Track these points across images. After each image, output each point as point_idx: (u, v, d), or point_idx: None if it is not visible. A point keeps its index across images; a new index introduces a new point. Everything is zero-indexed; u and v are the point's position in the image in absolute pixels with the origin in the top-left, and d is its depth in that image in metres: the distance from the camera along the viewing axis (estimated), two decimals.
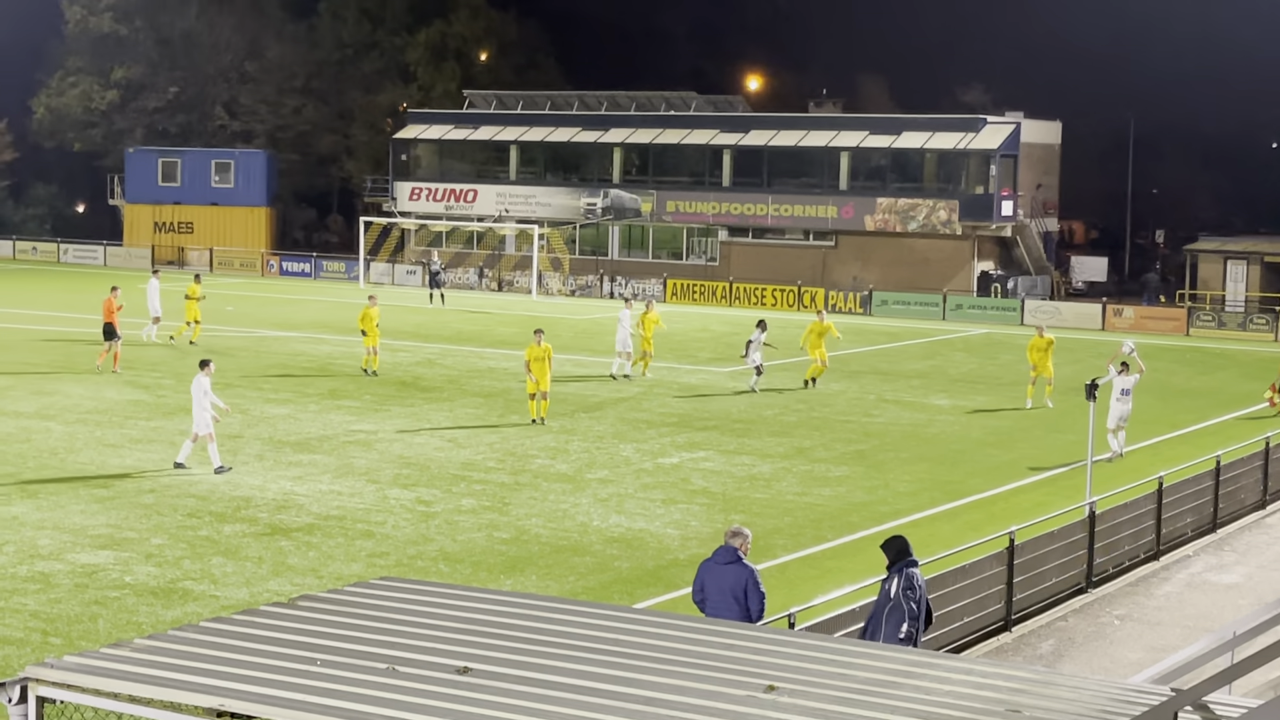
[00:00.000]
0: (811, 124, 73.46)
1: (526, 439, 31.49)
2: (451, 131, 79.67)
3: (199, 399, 27.52)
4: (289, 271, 77.88)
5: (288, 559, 21.67)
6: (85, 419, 32.48)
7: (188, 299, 46.41)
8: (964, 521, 25.01)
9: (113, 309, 40.32)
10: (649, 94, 78.31)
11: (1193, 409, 38.59)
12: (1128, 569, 22.43)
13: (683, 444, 31.53)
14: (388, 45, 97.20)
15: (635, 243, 75.53)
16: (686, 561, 21.98)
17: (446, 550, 22.42)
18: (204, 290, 47.22)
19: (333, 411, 34.37)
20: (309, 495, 25.62)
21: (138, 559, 21.42)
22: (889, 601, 14.80)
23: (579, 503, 25.72)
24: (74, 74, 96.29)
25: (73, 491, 25.45)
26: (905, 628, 14.62)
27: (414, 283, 73.75)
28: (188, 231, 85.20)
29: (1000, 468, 30.08)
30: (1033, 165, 71.22)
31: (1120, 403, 31.17)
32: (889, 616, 14.75)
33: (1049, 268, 71.45)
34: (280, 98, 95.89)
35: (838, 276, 69.27)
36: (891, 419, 35.74)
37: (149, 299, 46.81)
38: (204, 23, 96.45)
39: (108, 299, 40.88)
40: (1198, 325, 59.26)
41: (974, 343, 54.11)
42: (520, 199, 76.69)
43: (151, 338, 46.21)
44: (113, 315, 40.22)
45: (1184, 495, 24.23)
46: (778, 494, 26.96)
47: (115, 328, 40.13)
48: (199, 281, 47.51)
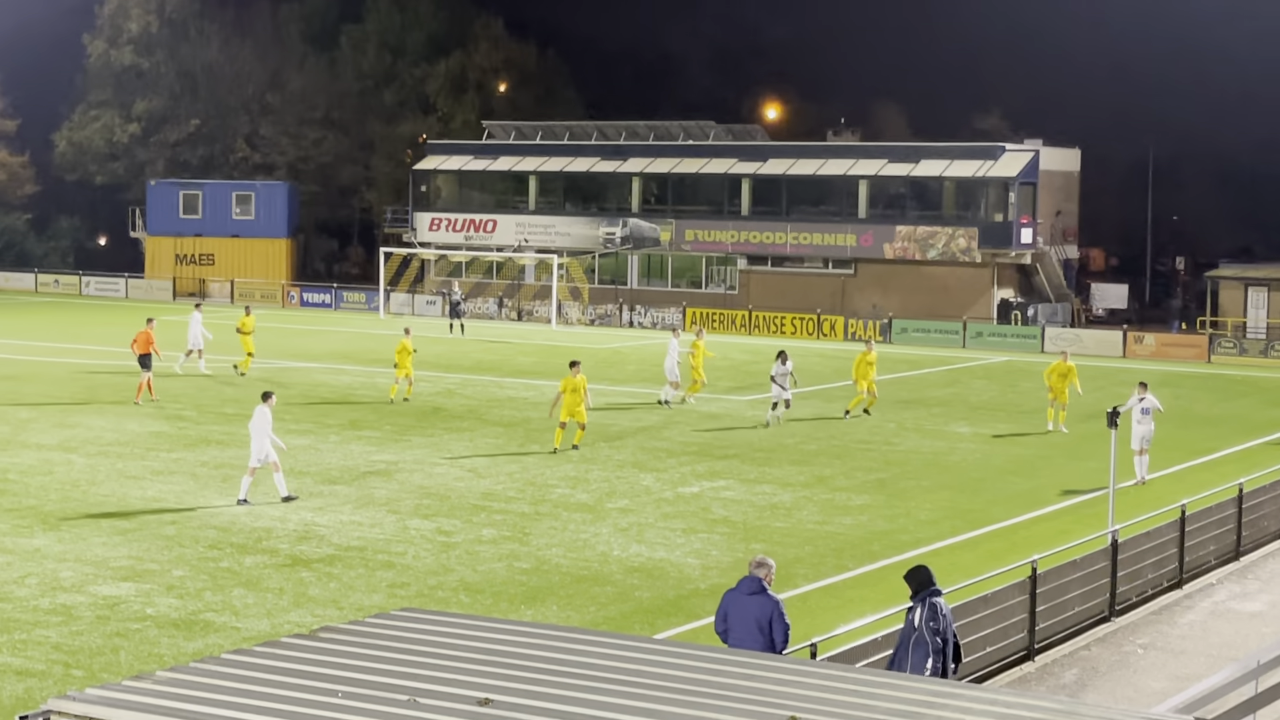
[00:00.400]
0: (830, 152, 73.54)
1: (547, 469, 31.48)
2: (471, 162, 79.93)
3: (261, 431, 27.43)
4: (309, 302, 78.08)
5: (309, 590, 21.68)
6: (107, 451, 32.56)
7: (240, 332, 47.05)
8: (986, 550, 24.93)
9: (150, 340, 40.69)
10: (667, 123, 78.48)
11: (1215, 436, 38.43)
12: (1151, 597, 22.32)
13: (703, 473, 31.50)
14: (408, 77, 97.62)
15: (654, 272, 75.59)
16: (707, 591, 21.93)
17: (467, 581, 22.41)
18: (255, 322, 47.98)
19: (353, 442, 34.41)
20: (330, 526, 25.64)
21: (159, 591, 21.45)
22: (913, 632, 14.74)
23: (599, 532, 25.69)
24: (96, 107, 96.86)
25: (94, 524, 25.50)
26: (930, 662, 14.55)
27: (434, 313, 73.85)
28: (209, 263, 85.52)
29: (1022, 496, 29.98)
30: (1052, 192, 71.17)
31: (1141, 424, 31.14)
32: (914, 648, 14.70)
33: (1069, 295, 71.32)
34: (301, 129, 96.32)
35: (857, 305, 69.22)
36: (912, 447, 35.66)
37: (190, 331, 46.91)
38: (225, 55, 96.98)
39: (144, 330, 41.16)
40: (1219, 352, 59.06)
41: (994, 370, 54.00)
42: (539, 229, 76.84)
43: (189, 368, 46.46)
44: (149, 346, 40.56)
45: (1207, 523, 24.11)
46: (798, 523, 26.90)
47: (150, 359, 40.47)
48: (250, 314, 48.35)
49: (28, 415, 37.42)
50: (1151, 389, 32.35)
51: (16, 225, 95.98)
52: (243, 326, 47.19)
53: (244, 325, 47.21)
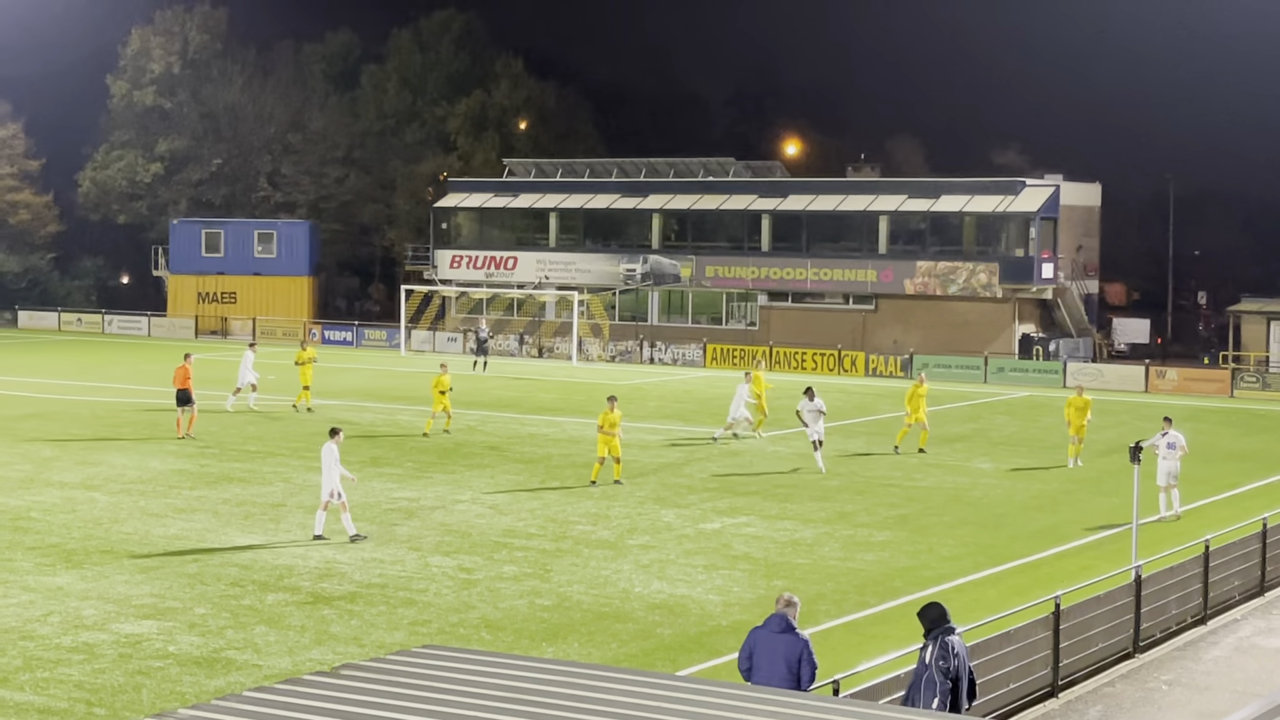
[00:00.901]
0: (850, 188, 73.62)
1: (568, 505, 31.47)
2: (491, 199, 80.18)
3: (330, 466, 27.51)
4: (331, 340, 78.29)
5: (330, 627, 21.68)
6: (129, 489, 32.64)
7: (298, 364, 47.73)
8: (1009, 586, 24.83)
9: (187, 376, 41.24)
10: (687, 160, 78.69)
11: (1238, 471, 38.27)
12: (1175, 633, 22.21)
13: (724, 509, 31.45)
14: (428, 115, 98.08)
15: (675, 308, 75.66)
16: (729, 628, 21.88)
17: (488, 618, 22.39)
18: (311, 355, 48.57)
19: (375, 479, 34.45)
20: (351, 563, 25.65)
21: (181, 628, 21.47)
22: (925, 670, 14.70)
23: (621, 569, 25.66)
24: (119, 147, 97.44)
25: (117, 561, 25.54)
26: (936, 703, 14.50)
27: (454, 349, 73.97)
28: (231, 301, 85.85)
29: (1045, 531, 29.87)
30: (1073, 227, 71.11)
31: (1166, 460, 31.08)
32: (925, 686, 14.66)
33: (1090, 330, 71.18)
34: (322, 168, 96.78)
35: (878, 340, 69.17)
36: (934, 483, 35.57)
37: (241, 369, 47.21)
38: (248, 95, 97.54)
39: (182, 366, 41.74)
40: (1241, 387, 58.85)
41: (1016, 405, 53.87)
42: (560, 265, 76.99)
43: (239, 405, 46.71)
44: (187, 382, 41.09)
45: (1231, 558, 24.00)
46: (820, 559, 26.84)
47: (190, 393, 40.97)
48: (307, 348, 49.28)
49: (51, 453, 37.55)
50: (1175, 424, 32.24)
51: (40, 264, 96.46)
52: (300, 359, 48.01)
53: (300, 358, 48.04)
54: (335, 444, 27.95)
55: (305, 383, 47.22)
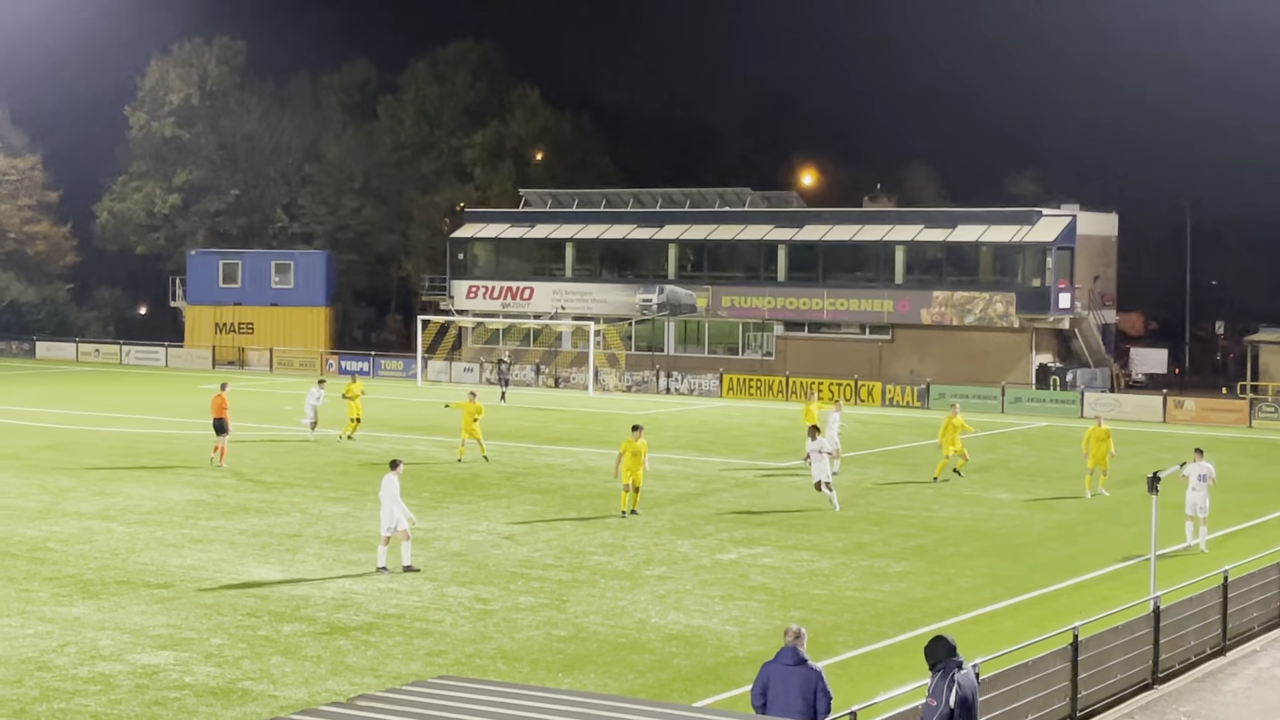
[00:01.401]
0: (866, 218, 73.66)
1: (584, 535, 31.43)
2: (508, 230, 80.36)
3: (390, 498, 27.43)
4: (347, 370, 78.36)
5: (346, 658, 21.65)
6: (146, 519, 32.68)
7: (346, 398, 48.00)
8: (1027, 617, 24.73)
9: (224, 405, 41.65)
10: (703, 190, 78.82)
11: (1258, 501, 38.11)
12: (1194, 664, 22.09)
13: (741, 540, 31.38)
14: (445, 146, 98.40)
15: (691, 338, 75.68)
16: (746, 659, 21.81)
17: (504, 648, 22.34)
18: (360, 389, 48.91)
19: None
20: (367, 594, 25.63)
21: (197, 659, 21.46)
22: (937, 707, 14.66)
23: (637, 600, 25.60)
24: (137, 179, 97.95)
25: (133, 592, 25.55)
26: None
27: (470, 379, 74.01)
28: (248, 332, 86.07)
29: (1063, 562, 29.76)
30: (1090, 257, 71.03)
31: (1195, 490, 31.01)
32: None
33: (1108, 360, 71.03)
34: (339, 199, 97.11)
35: (895, 370, 69.10)
36: (952, 513, 35.47)
37: (307, 404, 47.66)
38: (265, 127, 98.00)
39: (219, 395, 42.13)
40: (1260, 417, 58.65)
41: (1033, 436, 53.74)
42: (576, 296, 77.08)
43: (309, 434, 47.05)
44: (223, 411, 41.51)
45: (1250, 589, 23.87)
46: (837, 590, 26.76)
47: (226, 423, 41.34)
48: (356, 380, 49.86)
49: (68, 484, 37.62)
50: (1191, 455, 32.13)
51: (58, 295, 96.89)
52: (348, 392, 48.21)
53: (350, 391, 48.27)
54: (396, 476, 27.84)
55: (355, 415, 47.53)
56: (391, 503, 27.42)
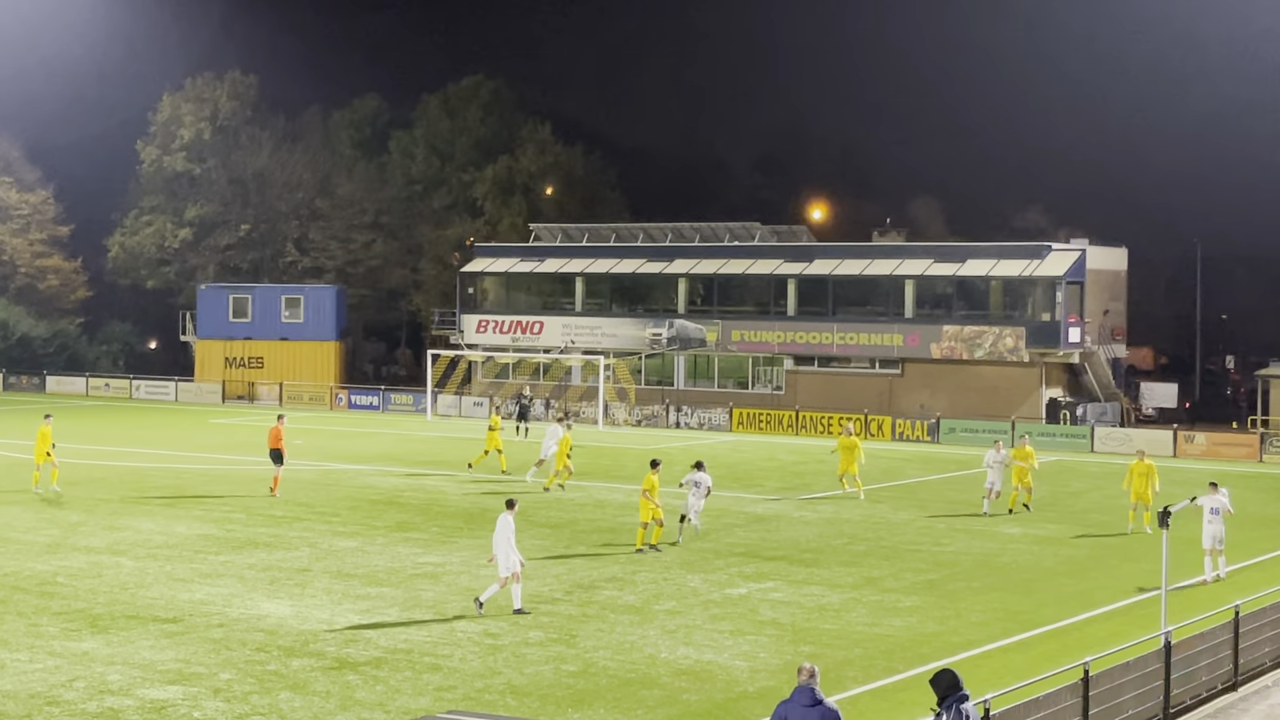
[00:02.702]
0: (875, 252, 73.70)
1: (593, 570, 31.38)
2: (518, 264, 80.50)
3: (505, 540, 26.94)
4: (357, 405, 78.47)
5: (355, 693, 21.62)
6: (155, 554, 32.67)
7: (491, 430, 49.26)
8: (1038, 652, 24.65)
9: (280, 436, 42.47)
10: (713, 225, 78.92)
11: (1269, 536, 37.99)
12: (1205, 700, 21.99)
13: (750, 574, 31.32)
14: (455, 181, 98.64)
15: (701, 372, 75.68)
16: (755, 694, 21.75)
17: (514, 683, 22.30)
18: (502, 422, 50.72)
19: (400, 544, 34.43)
20: (376, 629, 25.60)
21: (206, 694, 21.43)
22: None
23: (647, 634, 25.54)
24: (148, 213, 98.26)
25: (142, 627, 25.54)
26: None
27: (480, 414, 74.02)
28: (258, 366, 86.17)
29: (1074, 597, 29.66)
30: (1099, 291, 71.00)
31: (1211, 523, 30.98)
32: None
33: (1118, 394, 70.91)
34: (350, 233, 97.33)
35: (905, 404, 69.04)
36: (962, 548, 35.38)
37: (545, 442, 47.09)
38: (276, 161, 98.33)
39: (275, 427, 42.99)
40: (1270, 451, 58.49)
41: (1044, 471, 53.50)
42: (586, 330, 77.15)
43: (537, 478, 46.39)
44: (280, 442, 42.36)
45: (1262, 624, 23.78)
46: (847, 625, 26.68)
47: (283, 453, 42.31)
48: (499, 413, 51.69)
49: (77, 518, 37.63)
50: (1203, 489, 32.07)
51: (69, 330, 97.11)
52: (494, 424, 49.60)
53: (494, 423, 49.68)
54: (511, 516, 27.34)
55: (494, 446, 48.79)
56: (506, 545, 26.91)
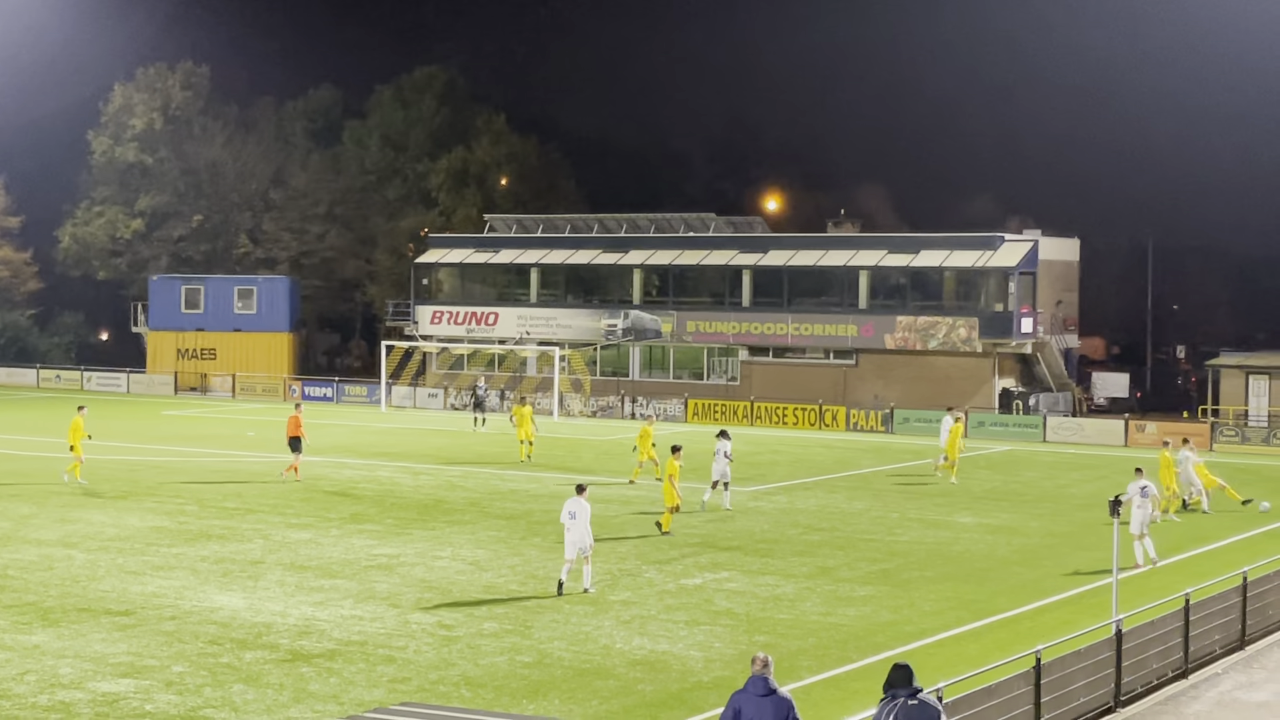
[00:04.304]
0: (830, 243, 73.88)
1: (548, 561, 31.36)
2: (472, 255, 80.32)
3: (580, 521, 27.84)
4: (311, 396, 78.08)
5: (309, 686, 21.55)
6: (107, 546, 32.48)
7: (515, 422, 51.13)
8: (990, 641, 24.80)
9: (299, 424, 43.58)
10: (668, 216, 78.93)
11: (1219, 525, 38.30)
12: (1156, 687, 22.17)
13: (706, 565, 31.38)
14: (410, 172, 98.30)
15: (656, 363, 75.71)
16: (710, 684, 21.81)
17: (469, 675, 22.28)
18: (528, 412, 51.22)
19: (354, 536, 34.33)
20: (330, 620, 25.52)
21: (158, 687, 21.33)
22: None
23: (602, 625, 25.56)
24: (100, 204, 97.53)
25: (94, 620, 25.39)
26: None
27: (435, 405, 73.90)
28: (211, 358, 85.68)
29: (1026, 586, 29.85)
30: (1052, 282, 71.40)
31: (1140, 509, 31.29)
32: None
33: (1070, 384, 71.33)
34: (304, 224, 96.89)
35: (859, 395, 69.26)
36: (916, 537, 35.55)
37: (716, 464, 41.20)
38: (229, 152, 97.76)
39: (293, 415, 44.08)
40: (1221, 441, 58.99)
41: (996, 460, 53.92)
42: (541, 321, 77.06)
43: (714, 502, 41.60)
44: (298, 430, 43.49)
45: (1211, 612, 23.98)
46: (802, 614, 26.77)
47: (301, 440, 43.52)
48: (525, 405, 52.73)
49: (28, 511, 37.36)
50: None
51: (20, 321, 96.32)
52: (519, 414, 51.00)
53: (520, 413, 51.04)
54: (582, 499, 28.12)
55: (529, 436, 50.10)
56: (580, 527, 27.79)
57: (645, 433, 44.47)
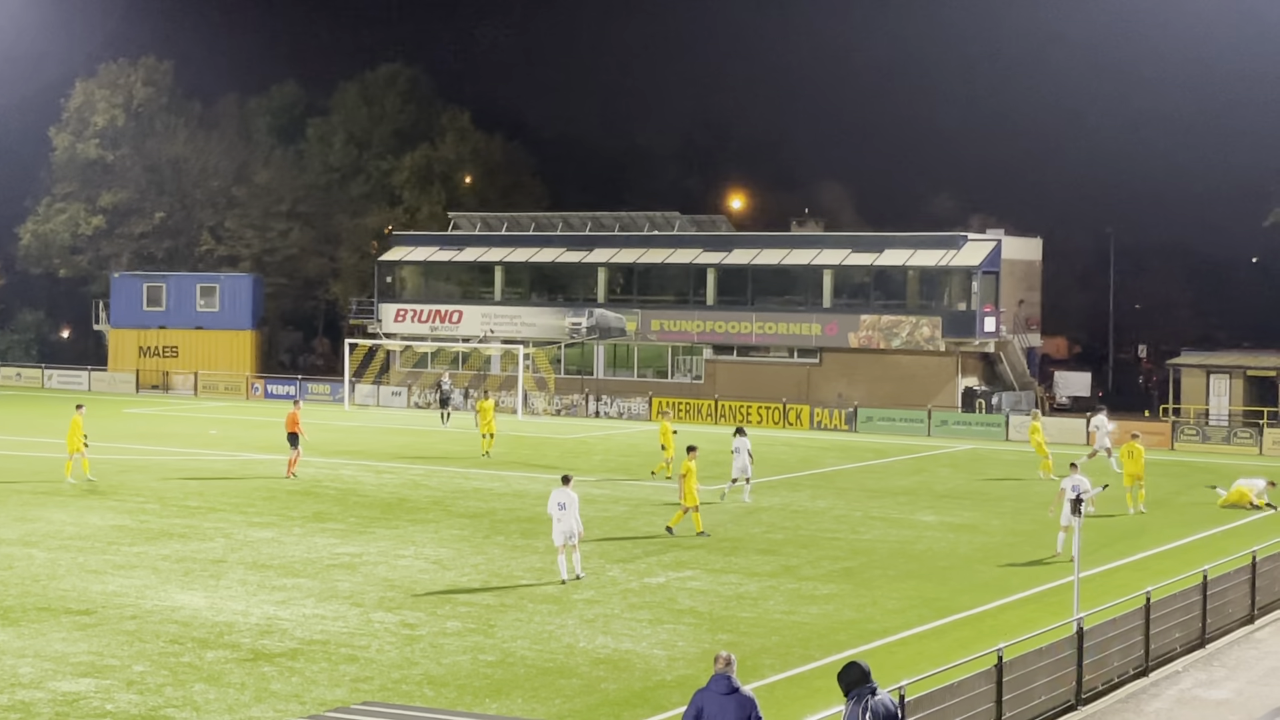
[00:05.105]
0: (794, 242, 74.01)
1: (512, 560, 31.34)
2: (437, 253, 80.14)
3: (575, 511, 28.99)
4: (274, 394, 77.85)
5: (270, 685, 21.47)
6: (68, 545, 32.29)
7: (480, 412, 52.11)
8: (953, 639, 24.88)
9: (296, 420, 44.29)
10: (633, 214, 78.93)
11: (1179, 523, 38.54)
12: (1117, 685, 22.28)
13: (669, 563, 31.39)
14: (374, 169, 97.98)
15: (620, 362, 75.70)
16: (674, 683, 21.82)
17: (431, 674, 22.23)
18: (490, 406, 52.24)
19: (317, 534, 34.22)
20: (292, 619, 25.43)
21: (119, 686, 21.21)
22: None
23: (565, 624, 25.55)
24: (61, 200, 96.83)
25: (54, 619, 25.23)
26: None
27: (398, 404, 73.74)
28: (173, 356, 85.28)
29: (988, 584, 29.96)
30: (1015, 281, 71.68)
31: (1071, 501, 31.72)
32: None
33: (1032, 383, 71.64)
34: (267, 221, 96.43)
35: (823, 393, 69.41)
36: (878, 536, 35.64)
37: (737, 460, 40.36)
38: (192, 149, 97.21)
39: (292, 412, 44.71)
40: (1182, 439, 59.36)
41: (959, 459, 54.12)
42: (505, 319, 76.96)
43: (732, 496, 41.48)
44: (296, 425, 44.10)
45: (1172, 610, 24.11)
46: (765, 612, 26.81)
47: (299, 436, 44.13)
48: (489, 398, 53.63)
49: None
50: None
51: None
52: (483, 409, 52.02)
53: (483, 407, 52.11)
54: (568, 489, 29.28)
55: (490, 429, 51.10)
56: (568, 516, 28.82)
57: (665, 429, 45.29)
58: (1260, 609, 27.09)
